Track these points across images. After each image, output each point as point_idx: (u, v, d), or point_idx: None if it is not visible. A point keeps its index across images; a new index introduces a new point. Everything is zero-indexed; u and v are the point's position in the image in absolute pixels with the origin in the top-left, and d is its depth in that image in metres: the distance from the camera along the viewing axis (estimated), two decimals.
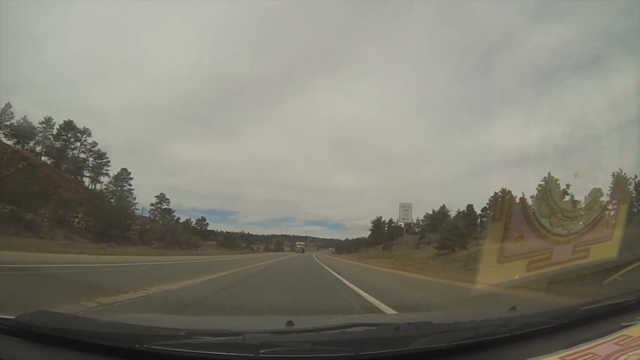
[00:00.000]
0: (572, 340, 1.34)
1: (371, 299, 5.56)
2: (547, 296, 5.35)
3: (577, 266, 3.16)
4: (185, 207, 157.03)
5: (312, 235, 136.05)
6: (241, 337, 1.13)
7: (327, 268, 16.21)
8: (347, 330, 1.24)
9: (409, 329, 1.25)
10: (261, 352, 1.07)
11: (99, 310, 3.52)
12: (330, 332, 1.24)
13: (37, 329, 1.18)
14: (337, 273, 12.59)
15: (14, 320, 1.22)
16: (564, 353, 1.20)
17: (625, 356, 1.16)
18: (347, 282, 8.82)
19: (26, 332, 1.20)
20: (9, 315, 1.26)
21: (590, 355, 1.18)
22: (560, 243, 3.00)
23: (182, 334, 1.16)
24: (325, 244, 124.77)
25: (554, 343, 1.35)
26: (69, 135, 36.40)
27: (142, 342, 1.09)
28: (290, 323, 1.49)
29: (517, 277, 2.99)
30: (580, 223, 3.11)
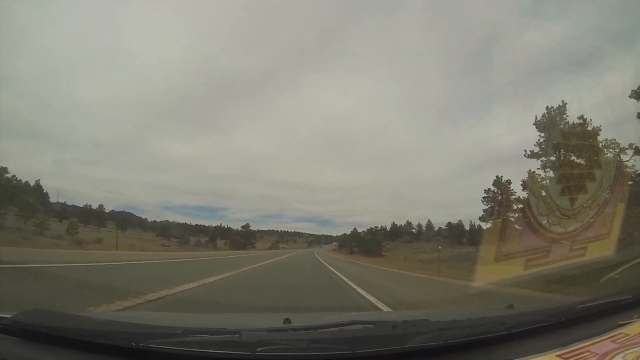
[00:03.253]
0: (568, 339, 1.34)
1: None
2: (543, 294, 5.36)
3: (574, 264, 3.17)
4: (174, 204, 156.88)
5: (301, 231, 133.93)
6: (238, 335, 1.13)
7: None
8: (345, 328, 1.24)
9: (406, 326, 1.25)
10: (258, 350, 1.07)
11: (96, 309, 3.50)
12: (327, 329, 1.25)
13: (33, 327, 1.18)
14: None
15: (10, 319, 1.22)
16: (561, 351, 1.20)
17: (622, 354, 1.16)
18: None
19: (22, 330, 1.19)
20: (6, 314, 1.25)
21: (587, 353, 1.18)
22: (558, 241, 3.01)
23: (179, 332, 1.16)
24: (316, 239, 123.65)
25: (551, 341, 1.35)
26: None
27: (138, 341, 1.09)
28: (287, 321, 1.50)
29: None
30: (578, 221, 3.11)
